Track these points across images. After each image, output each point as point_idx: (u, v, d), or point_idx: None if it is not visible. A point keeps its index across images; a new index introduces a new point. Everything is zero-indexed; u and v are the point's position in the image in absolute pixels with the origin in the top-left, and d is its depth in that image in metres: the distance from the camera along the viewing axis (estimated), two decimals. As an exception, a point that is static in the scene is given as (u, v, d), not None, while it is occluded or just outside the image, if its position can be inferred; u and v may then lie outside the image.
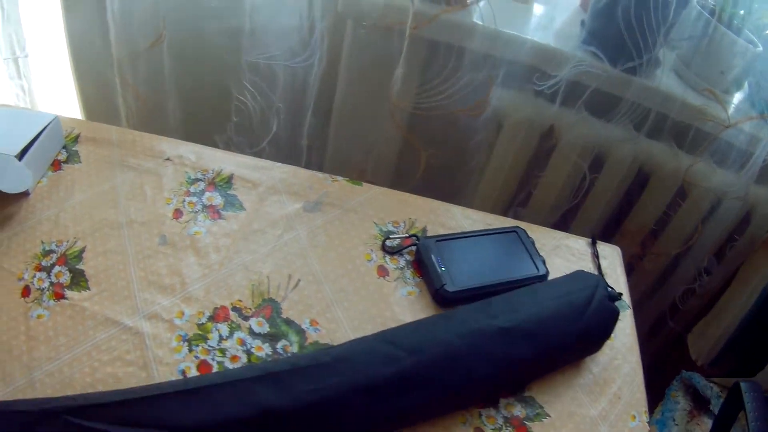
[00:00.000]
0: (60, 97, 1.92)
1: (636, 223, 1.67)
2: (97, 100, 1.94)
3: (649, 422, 0.93)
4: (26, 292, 0.97)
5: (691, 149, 1.54)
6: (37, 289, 0.98)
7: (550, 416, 0.91)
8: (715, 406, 1.57)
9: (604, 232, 1.74)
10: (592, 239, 1.15)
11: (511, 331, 0.89)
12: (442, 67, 1.48)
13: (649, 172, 1.59)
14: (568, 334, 0.92)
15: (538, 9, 1.56)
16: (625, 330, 1.04)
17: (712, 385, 1.61)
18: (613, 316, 0.96)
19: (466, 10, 1.41)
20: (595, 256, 1.13)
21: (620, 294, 0.99)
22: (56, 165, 1.17)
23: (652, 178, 1.59)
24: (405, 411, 0.84)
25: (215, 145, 1.70)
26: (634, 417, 0.93)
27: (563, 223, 1.71)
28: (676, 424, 1.60)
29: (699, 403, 1.64)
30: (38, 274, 1.00)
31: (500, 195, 1.68)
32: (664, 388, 1.66)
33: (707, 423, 1.58)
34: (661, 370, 1.71)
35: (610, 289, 0.99)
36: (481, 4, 1.40)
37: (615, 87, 1.45)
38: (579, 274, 1.03)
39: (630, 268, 1.68)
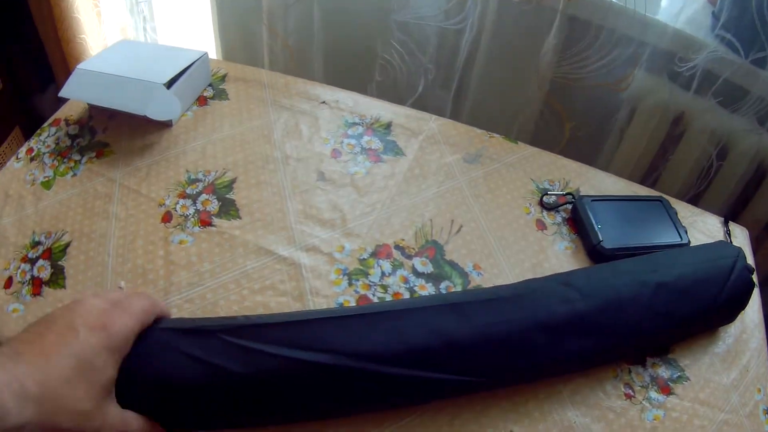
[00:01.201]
0: (196, 44, 1.94)
1: (751, 218, 1.66)
2: (238, 48, 1.96)
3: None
4: (167, 217, 0.99)
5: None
6: (181, 216, 0.99)
7: (690, 380, 0.91)
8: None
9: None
10: (725, 219, 1.15)
11: (668, 285, 0.88)
12: (592, 41, 1.49)
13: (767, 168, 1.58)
14: (713, 298, 0.91)
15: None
16: (753, 306, 1.03)
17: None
18: (750, 288, 0.96)
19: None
20: (728, 234, 1.12)
21: (754, 269, 0.98)
22: (202, 101, 1.19)
23: None
24: (575, 353, 0.84)
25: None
26: (760, 390, 0.92)
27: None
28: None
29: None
30: (182, 201, 1.01)
31: (631, 176, 1.68)
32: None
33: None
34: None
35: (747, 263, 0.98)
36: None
37: (743, 78, 1.45)
38: (722, 243, 1.03)
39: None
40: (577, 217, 1.07)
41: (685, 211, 1.15)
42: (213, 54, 1.96)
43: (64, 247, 0.96)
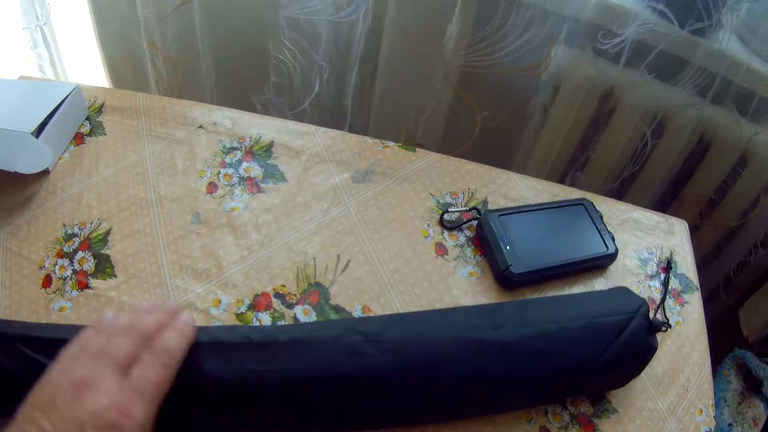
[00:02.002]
0: (86, 65, 1.86)
1: (694, 193, 1.59)
2: (125, 66, 1.86)
3: (715, 416, 0.85)
4: (47, 282, 0.91)
5: (755, 118, 1.44)
6: (59, 279, 0.91)
7: (618, 412, 0.83)
8: (768, 389, 1.50)
9: (662, 200, 1.67)
10: (667, 264, 1.02)
11: (513, 347, 0.76)
12: (501, 22, 1.38)
13: (710, 140, 1.51)
14: (586, 365, 0.78)
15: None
16: (694, 314, 0.95)
17: (765, 365, 1.56)
18: (647, 352, 0.82)
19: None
20: (665, 285, 1.00)
21: (665, 323, 0.84)
22: (79, 138, 1.09)
23: (712, 145, 1.51)
24: (372, 413, 0.76)
25: (253, 107, 1.61)
26: (701, 411, 0.85)
27: (621, 189, 1.63)
28: (728, 405, 1.56)
29: (751, 383, 1.59)
30: (60, 261, 0.93)
31: (558, 158, 1.61)
32: (714, 365, 1.59)
33: (759, 406, 1.53)
34: (711, 346, 1.65)
35: (654, 317, 0.85)
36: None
37: (681, 49, 1.35)
38: (620, 294, 0.88)
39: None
40: (482, 237, 0.96)
41: (614, 209, 1.07)
42: (103, 78, 1.87)
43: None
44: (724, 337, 1.72)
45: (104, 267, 0.91)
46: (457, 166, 1.06)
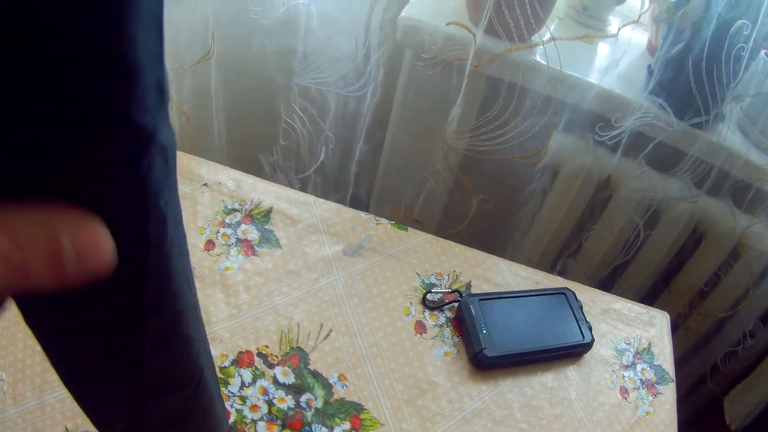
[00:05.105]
0: None
1: (685, 282, 1.61)
2: None
3: None
4: None
5: (750, 209, 1.47)
6: None
7: None
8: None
9: (653, 289, 1.68)
10: None
11: None
12: (502, 109, 1.41)
13: (704, 231, 1.52)
14: None
15: (602, 49, 1.50)
16: (666, 406, 0.97)
17: (742, 456, 1.56)
18: None
19: (531, 50, 1.34)
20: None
21: None
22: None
23: (706, 236, 1.53)
24: None
25: (261, 167, 1.64)
26: None
27: (612, 277, 1.65)
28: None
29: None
30: None
31: (550, 244, 1.63)
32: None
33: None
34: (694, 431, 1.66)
35: None
36: (546, 43, 1.33)
37: (679, 141, 1.38)
38: None
39: (674, 327, 1.62)
40: (461, 318, 1.00)
41: (596, 299, 1.09)
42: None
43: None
44: (707, 425, 1.74)
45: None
46: (446, 248, 1.10)
